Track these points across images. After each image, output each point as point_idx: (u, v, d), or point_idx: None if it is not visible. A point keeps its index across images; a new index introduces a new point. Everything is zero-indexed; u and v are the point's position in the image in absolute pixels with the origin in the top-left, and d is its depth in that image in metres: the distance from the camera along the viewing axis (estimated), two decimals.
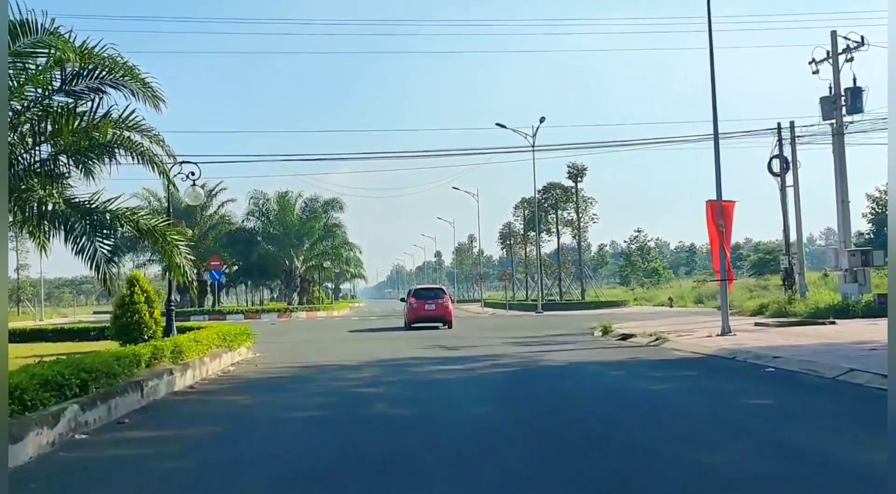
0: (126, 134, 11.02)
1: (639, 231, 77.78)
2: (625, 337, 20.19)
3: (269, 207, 53.88)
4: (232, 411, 8.32)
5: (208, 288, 55.08)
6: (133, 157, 10.74)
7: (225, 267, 55.63)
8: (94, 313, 60.01)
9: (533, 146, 40.75)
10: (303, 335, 25.69)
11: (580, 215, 51.31)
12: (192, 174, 15.11)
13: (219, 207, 54.11)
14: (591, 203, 52.06)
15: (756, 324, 21.57)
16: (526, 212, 60.25)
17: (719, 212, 18.64)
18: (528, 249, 66.11)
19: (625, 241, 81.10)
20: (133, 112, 11.12)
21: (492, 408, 8.25)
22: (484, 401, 8.81)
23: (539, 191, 49.15)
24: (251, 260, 53.86)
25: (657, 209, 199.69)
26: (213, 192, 53.28)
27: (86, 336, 19.30)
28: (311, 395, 9.49)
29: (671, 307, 43.77)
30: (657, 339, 18.22)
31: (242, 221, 55.20)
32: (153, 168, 11.00)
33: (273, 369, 13.08)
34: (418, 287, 32.38)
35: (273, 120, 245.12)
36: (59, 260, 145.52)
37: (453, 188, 64.11)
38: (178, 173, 15.15)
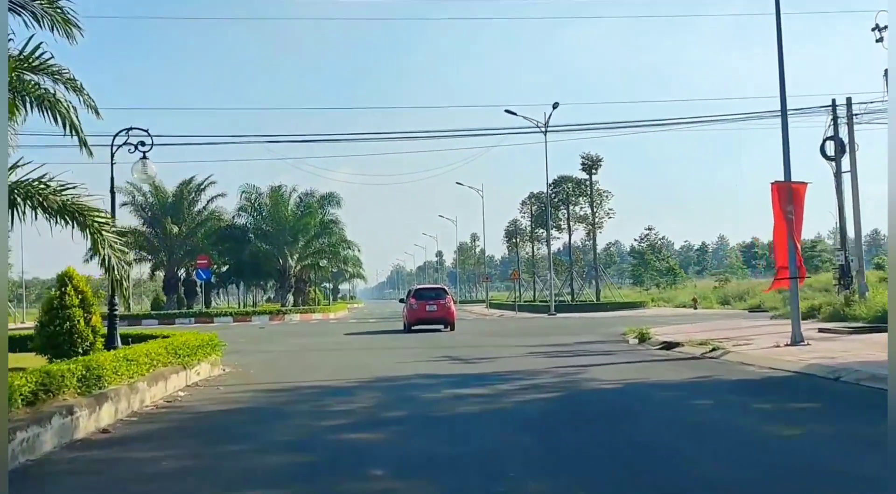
0: (26, 76, 7.82)
1: (650, 229, 74.43)
2: (668, 345, 17.03)
3: (261, 202, 50.56)
4: (135, 488, 5.13)
5: (197, 289, 51.90)
6: (28, 105, 7.55)
7: (215, 266, 52.45)
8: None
9: (546, 127, 37.79)
10: (292, 341, 22.54)
11: (595, 210, 47.88)
12: (143, 144, 11.92)
13: (208, 202, 50.94)
14: (607, 197, 48.63)
15: (820, 330, 18.37)
16: (534, 208, 57.04)
17: (788, 196, 15.46)
18: (535, 247, 62.97)
19: (635, 240, 77.82)
20: (39, 45, 7.96)
21: (556, 482, 5.07)
22: (540, 464, 5.63)
23: (549, 185, 45.87)
24: (242, 258, 50.59)
25: (661, 208, 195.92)
26: (202, 186, 50.20)
27: (26, 346, 16.03)
28: (276, 449, 6.30)
29: (695, 308, 40.48)
30: (713, 350, 15.06)
31: (233, 217, 51.94)
32: (58, 120, 7.82)
33: (238, 394, 9.91)
34: (418, 287, 30.61)
35: (255, 100, 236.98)
36: (48, 258, 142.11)
37: (457, 183, 61.21)
38: (125, 143, 11.96)
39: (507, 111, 38.60)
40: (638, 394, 9.43)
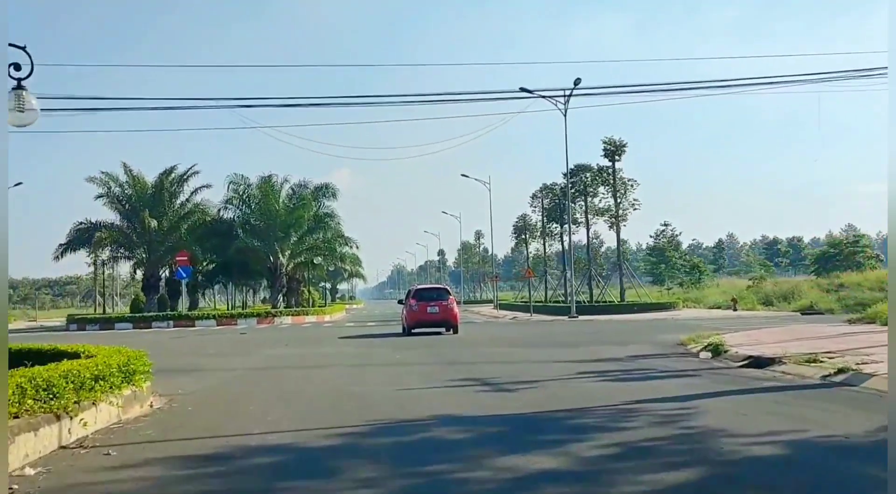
0: None
1: (666, 225, 70.09)
2: (756, 362, 12.88)
3: (250, 194, 46.17)
4: None
5: (181, 289, 47.73)
6: None
7: (200, 264, 48.23)
8: (69, 316, 52.45)
9: (570, 92, 34.20)
10: (272, 352, 18.41)
11: (619, 200, 43.33)
12: (17, 68, 7.78)
13: (192, 194, 46.55)
14: (632, 186, 44.02)
15: None
16: (546, 201, 52.80)
17: None
18: (545, 244, 58.76)
19: (650, 236, 73.62)
20: None
21: None
22: None
23: (567, 174, 41.55)
24: (230, 255, 46.32)
25: (663, 206, 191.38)
26: (185, 177, 45.94)
27: None
28: None
29: (735, 310, 36.26)
30: (839, 371, 10.86)
31: (219, 211, 47.52)
32: None
33: (129, 472, 5.68)
34: (419, 287, 28.11)
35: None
36: (41, 259, 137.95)
37: (462, 175, 57.05)
38: None
39: (522, 89, 34.56)
40: (837, 473, 5.23)
